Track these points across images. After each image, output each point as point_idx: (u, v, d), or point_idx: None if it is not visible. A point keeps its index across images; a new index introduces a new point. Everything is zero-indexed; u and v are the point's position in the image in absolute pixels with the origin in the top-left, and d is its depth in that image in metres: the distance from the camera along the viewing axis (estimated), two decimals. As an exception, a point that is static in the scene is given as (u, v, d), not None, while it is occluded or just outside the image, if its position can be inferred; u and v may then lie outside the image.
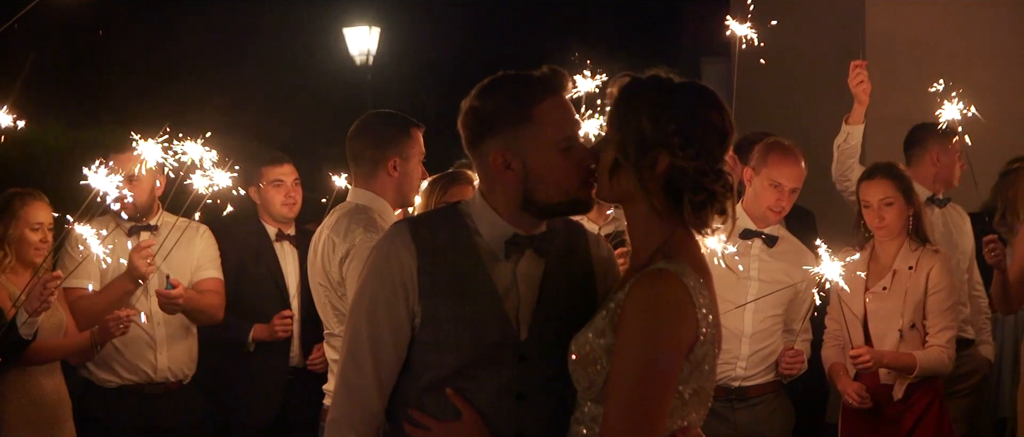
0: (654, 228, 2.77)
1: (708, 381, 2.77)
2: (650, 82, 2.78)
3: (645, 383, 2.62)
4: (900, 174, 5.13)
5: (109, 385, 5.47)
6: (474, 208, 2.97)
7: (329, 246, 4.27)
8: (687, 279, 2.67)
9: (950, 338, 5.05)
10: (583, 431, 2.78)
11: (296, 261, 6.12)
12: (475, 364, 2.88)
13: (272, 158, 6.19)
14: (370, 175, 4.44)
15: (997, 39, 7.97)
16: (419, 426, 2.89)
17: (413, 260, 2.89)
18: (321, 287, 4.35)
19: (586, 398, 2.77)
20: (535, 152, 2.84)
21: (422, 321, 2.89)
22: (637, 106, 2.73)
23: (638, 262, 2.80)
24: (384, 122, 4.53)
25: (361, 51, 17.70)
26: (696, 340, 2.68)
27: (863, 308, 5.13)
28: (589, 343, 2.73)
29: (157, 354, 5.53)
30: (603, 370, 2.69)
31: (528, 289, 2.92)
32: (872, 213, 5.13)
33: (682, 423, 2.74)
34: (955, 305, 5.11)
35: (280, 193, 6.06)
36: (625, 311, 2.67)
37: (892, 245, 5.15)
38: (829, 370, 5.25)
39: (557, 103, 2.88)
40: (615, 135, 2.76)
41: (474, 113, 2.90)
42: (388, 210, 4.43)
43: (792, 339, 4.95)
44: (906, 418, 5.05)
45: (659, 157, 2.70)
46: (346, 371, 2.96)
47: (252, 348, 5.98)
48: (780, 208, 4.94)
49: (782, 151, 4.94)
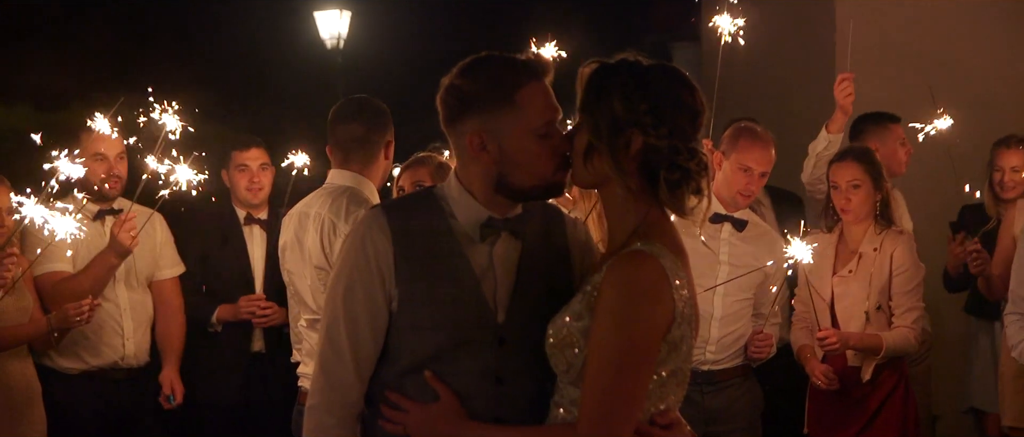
0: (629, 210, 2.79)
1: (685, 362, 2.79)
2: (620, 65, 2.80)
3: (623, 365, 2.64)
4: (871, 159, 5.19)
5: (71, 371, 5.47)
6: (450, 191, 2.97)
7: (329, 228, 4.26)
8: (664, 260, 2.69)
9: (916, 318, 5.12)
10: (561, 412, 2.80)
11: (264, 245, 6.12)
12: (454, 347, 2.88)
13: (240, 142, 6.21)
14: (365, 159, 4.45)
15: (973, 31, 8.00)
16: (397, 408, 2.89)
17: (389, 244, 2.89)
18: (318, 270, 4.29)
19: (565, 381, 2.79)
20: (513, 136, 2.84)
21: (399, 305, 2.89)
22: (608, 88, 2.75)
23: (614, 244, 2.83)
24: (378, 107, 4.55)
25: (332, 35, 17.63)
26: (673, 321, 2.70)
27: (830, 291, 5.18)
28: (566, 326, 2.75)
29: (125, 341, 5.56)
30: (581, 353, 2.71)
31: (505, 272, 2.92)
32: (840, 195, 5.18)
33: (660, 405, 2.77)
34: (920, 285, 5.16)
35: (244, 178, 6.08)
36: (602, 293, 2.69)
37: (859, 228, 5.20)
38: (797, 353, 5.30)
39: (539, 88, 2.87)
40: (588, 118, 2.77)
41: (454, 91, 2.89)
42: (375, 193, 4.45)
43: (761, 323, 4.97)
44: (872, 399, 5.11)
45: (633, 137, 2.72)
46: (324, 357, 2.95)
47: (218, 329, 6.01)
48: (749, 192, 4.98)
49: (752, 135, 4.98)
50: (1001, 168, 5.89)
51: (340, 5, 17.83)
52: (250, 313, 5.95)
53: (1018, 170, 5.83)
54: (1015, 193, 5.83)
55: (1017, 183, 5.84)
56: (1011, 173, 5.85)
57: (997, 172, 5.89)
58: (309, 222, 4.36)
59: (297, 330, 4.59)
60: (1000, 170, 5.88)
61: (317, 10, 17.87)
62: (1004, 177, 5.86)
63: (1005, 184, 5.86)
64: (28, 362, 5.21)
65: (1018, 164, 5.85)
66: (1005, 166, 5.88)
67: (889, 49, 7.84)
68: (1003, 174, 5.87)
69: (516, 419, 2.88)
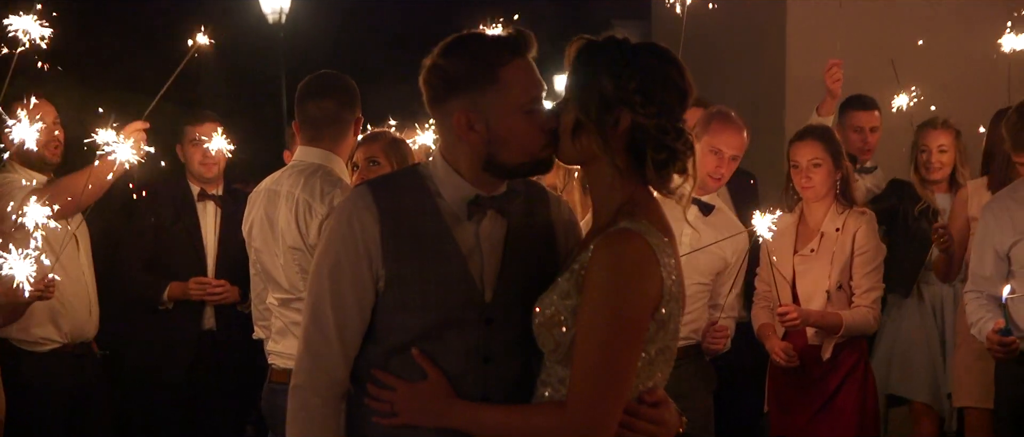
0: (616, 188, 2.77)
1: (673, 340, 2.79)
2: (608, 43, 2.78)
3: (612, 343, 2.63)
4: (831, 138, 5.23)
5: (41, 349, 5.40)
6: (436, 169, 2.94)
7: (304, 208, 4.21)
8: (651, 238, 2.68)
9: (876, 298, 5.16)
10: (548, 393, 2.79)
11: (217, 221, 6.06)
12: (441, 326, 2.87)
13: (194, 116, 6.14)
14: (335, 136, 4.42)
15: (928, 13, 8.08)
16: (384, 387, 2.87)
17: (375, 223, 2.86)
18: (293, 250, 4.24)
19: (552, 360, 2.77)
20: (500, 114, 2.82)
21: (386, 284, 2.87)
22: (597, 66, 2.74)
23: (600, 223, 2.81)
24: (347, 83, 4.51)
25: (274, 10, 17.43)
26: (661, 298, 2.69)
27: (792, 270, 5.19)
28: (554, 305, 2.74)
29: (91, 314, 5.48)
30: (569, 332, 2.70)
31: (491, 250, 2.91)
32: (800, 174, 5.20)
33: (648, 383, 2.76)
34: (880, 266, 5.19)
35: (198, 152, 6.01)
36: (590, 272, 2.67)
37: (819, 207, 5.23)
38: (758, 331, 5.33)
39: (523, 65, 2.85)
40: (576, 95, 2.75)
41: (438, 72, 2.86)
42: (345, 171, 4.41)
43: (717, 314, 4.96)
44: (831, 378, 5.14)
45: (621, 115, 2.71)
46: (309, 336, 2.92)
47: (170, 306, 5.95)
48: (720, 175, 4.98)
49: (723, 118, 5.00)
50: (927, 148, 5.96)
51: (282, -20, 17.61)
52: (201, 295, 5.88)
53: (945, 150, 5.91)
54: (941, 174, 5.93)
55: (943, 163, 5.92)
56: (937, 154, 5.93)
57: (923, 153, 5.96)
58: (280, 200, 4.30)
59: (261, 308, 4.52)
60: (926, 150, 5.96)
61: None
62: (931, 158, 5.94)
63: (932, 164, 5.93)
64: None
65: (945, 144, 5.94)
66: (931, 146, 5.96)
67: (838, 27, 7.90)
68: (929, 154, 5.94)
69: (503, 397, 2.87)
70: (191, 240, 6.02)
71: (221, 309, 6.03)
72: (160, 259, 6.00)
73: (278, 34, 17.61)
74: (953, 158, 5.94)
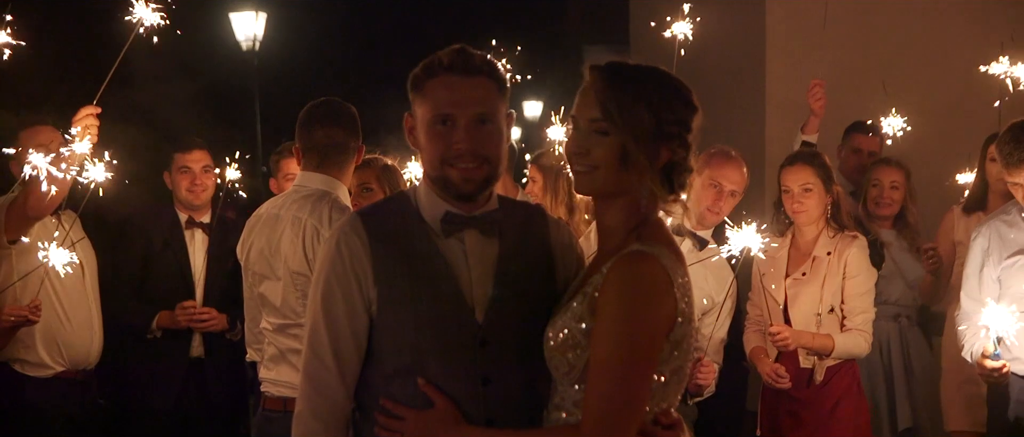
0: (632, 213, 2.78)
1: (686, 361, 2.79)
2: (645, 72, 2.78)
3: (627, 365, 2.63)
4: (821, 163, 5.25)
5: (46, 374, 5.36)
6: (418, 190, 3.01)
7: (312, 234, 4.19)
8: (665, 260, 2.69)
9: (867, 321, 5.17)
10: (563, 415, 2.78)
11: (205, 249, 6.04)
12: (436, 349, 2.87)
13: (182, 144, 6.11)
14: (341, 163, 4.43)
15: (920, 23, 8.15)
16: (393, 416, 2.87)
17: (363, 246, 2.90)
18: (296, 275, 4.22)
19: (565, 383, 2.77)
20: (420, 125, 2.95)
21: (378, 306, 2.89)
22: (640, 97, 2.72)
23: (610, 245, 2.81)
24: (352, 112, 4.52)
25: (247, 36, 17.43)
26: (676, 320, 2.70)
27: (784, 294, 5.21)
28: (567, 328, 2.74)
29: (93, 339, 5.46)
30: (583, 354, 2.70)
31: (482, 270, 2.92)
32: (791, 198, 5.23)
33: (663, 404, 2.77)
34: (871, 290, 5.22)
35: (186, 180, 6.01)
36: (604, 294, 2.67)
37: (811, 231, 5.26)
38: (750, 354, 5.34)
39: (447, 82, 2.90)
40: (620, 126, 2.71)
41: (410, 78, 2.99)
42: (347, 197, 4.40)
43: (700, 353, 4.82)
44: (825, 401, 5.14)
45: (661, 149, 2.73)
46: (308, 364, 2.95)
47: (158, 335, 5.90)
48: (718, 209, 5.03)
49: (724, 155, 5.09)
50: (880, 183, 6.00)
51: (256, 7, 17.62)
52: (187, 321, 5.85)
53: (896, 187, 5.98)
54: (890, 210, 5.99)
55: (894, 200, 5.99)
56: (889, 189, 5.99)
57: (874, 187, 6.01)
58: (284, 226, 4.29)
59: (256, 331, 4.50)
60: (878, 185, 6.00)
61: (232, 12, 17.64)
62: (882, 193, 5.99)
63: (882, 200, 5.98)
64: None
65: (897, 181, 6.00)
66: (884, 182, 6.00)
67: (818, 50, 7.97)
68: (881, 190, 5.99)
69: (508, 419, 2.87)
70: (179, 268, 5.99)
71: (209, 337, 5.99)
72: (148, 287, 5.96)
73: (252, 61, 17.61)
74: (903, 195, 5.99)
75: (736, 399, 5.80)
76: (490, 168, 2.93)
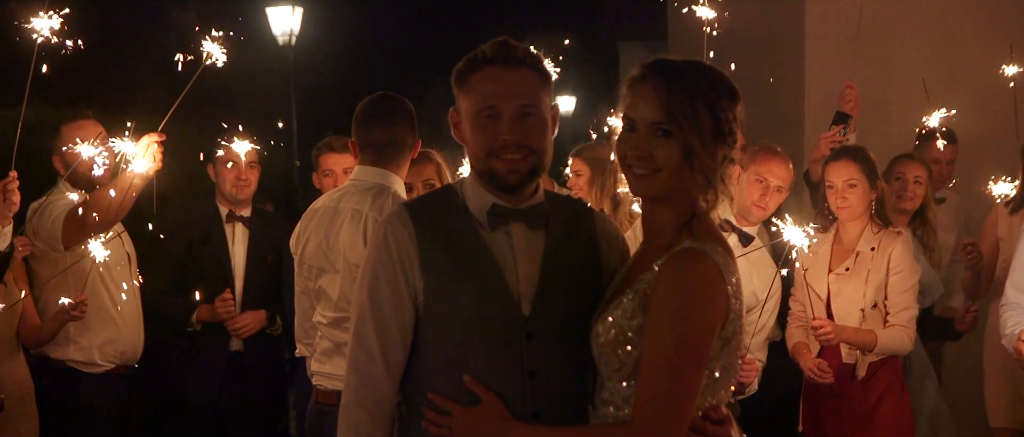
0: (684, 210, 2.78)
1: (736, 357, 2.80)
2: (693, 68, 2.77)
3: (679, 362, 2.62)
4: (866, 158, 5.23)
5: (98, 370, 5.40)
6: (465, 182, 3.02)
7: (374, 227, 4.20)
8: (717, 258, 2.69)
9: (910, 317, 5.13)
10: (611, 411, 2.78)
11: (245, 243, 6.05)
12: (482, 342, 2.88)
13: (228, 139, 6.10)
14: (399, 159, 4.45)
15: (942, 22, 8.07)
16: (441, 411, 2.88)
17: (412, 240, 2.92)
18: (355, 267, 4.20)
19: (615, 379, 2.77)
20: (465, 117, 2.96)
21: (425, 298, 2.91)
22: (701, 96, 2.71)
23: (659, 242, 2.80)
24: (410, 109, 4.53)
25: (284, 31, 17.48)
26: (727, 317, 2.69)
27: (826, 289, 5.19)
28: (617, 323, 2.74)
29: (139, 334, 5.49)
30: (634, 350, 2.70)
31: (528, 264, 2.93)
32: (836, 194, 5.21)
33: (712, 400, 2.76)
34: (915, 286, 5.18)
35: (231, 174, 6.00)
36: (656, 291, 2.67)
37: (855, 227, 5.23)
38: (792, 349, 5.31)
39: (491, 74, 2.92)
40: (684, 127, 2.69)
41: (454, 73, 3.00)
42: (404, 190, 4.42)
43: (743, 349, 4.87)
44: (867, 397, 5.12)
45: (719, 147, 2.74)
46: (355, 356, 2.97)
47: (198, 328, 5.93)
48: (764, 204, 5.06)
49: (770, 150, 5.13)
50: (903, 178, 5.90)
51: (292, 1, 17.67)
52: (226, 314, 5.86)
53: (920, 182, 5.89)
54: (912, 205, 5.89)
55: (916, 195, 5.90)
56: (913, 185, 5.89)
57: (897, 181, 5.90)
58: (344, 219, 4.31)
59: (307, 326, 4.51)
60: (902, 179, 5.90)
61: (269, 6, 17.70)
62: (906, 188, 5.89)
63: (905, 195, 5.88)
64: (20, 361, 5.11)
65: (920, 176, 5.91)
66: (908, 176, 5.89)
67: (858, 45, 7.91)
68: (905, 184, 5.89)
69: (553, 413, 2.88)
70: (219, 262, 6.01)
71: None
72: (188, 280, 5.97)
73: (289, 56, 17.66)
74: (925, 191, 5.93)
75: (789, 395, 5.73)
76: (536, 159, 2.93)
